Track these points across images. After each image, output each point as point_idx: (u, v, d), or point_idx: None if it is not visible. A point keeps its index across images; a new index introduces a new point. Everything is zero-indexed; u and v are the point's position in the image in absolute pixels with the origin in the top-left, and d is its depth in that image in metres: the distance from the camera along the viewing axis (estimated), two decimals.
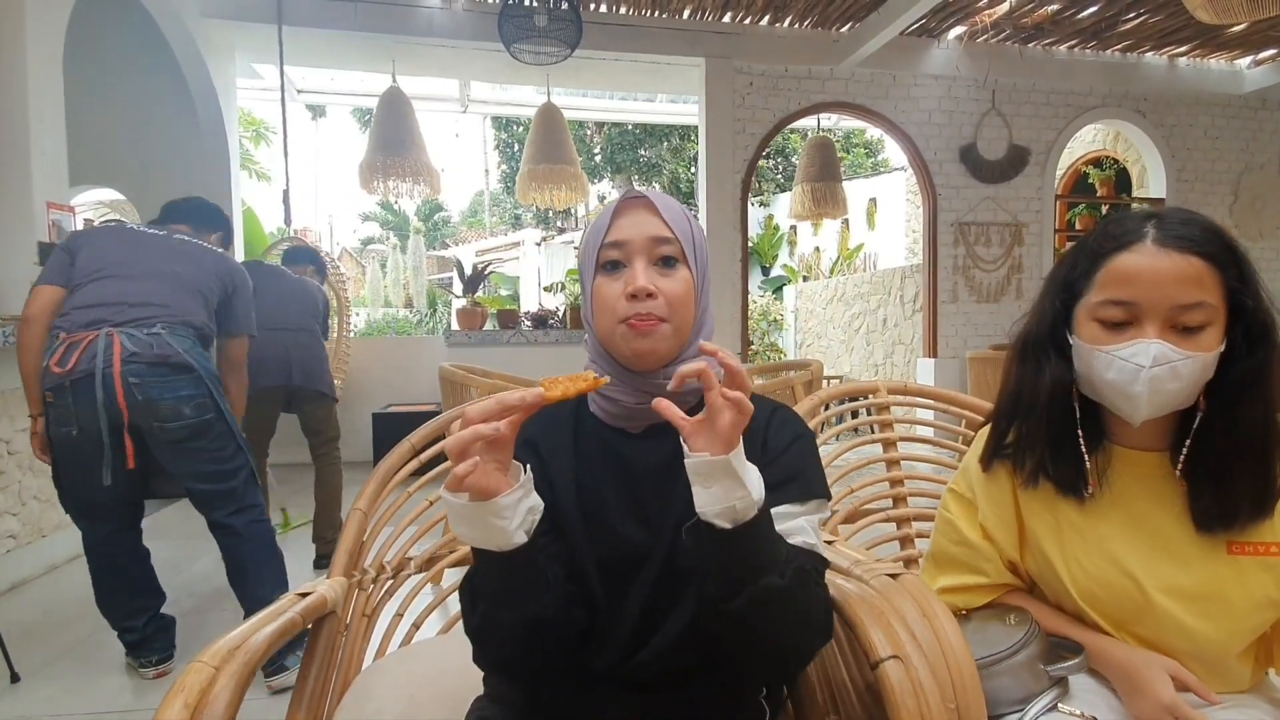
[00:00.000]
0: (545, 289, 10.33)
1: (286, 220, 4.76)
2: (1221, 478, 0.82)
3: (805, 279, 10.83)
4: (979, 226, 5.74)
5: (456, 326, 5.25)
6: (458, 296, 8.54)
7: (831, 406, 1.44)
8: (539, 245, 13.77)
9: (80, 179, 4.51)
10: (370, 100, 5.72)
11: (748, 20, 5.14)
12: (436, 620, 1.28)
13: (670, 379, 0.79)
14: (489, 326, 5.30)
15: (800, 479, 0.78)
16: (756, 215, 12.38)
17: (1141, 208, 0.86)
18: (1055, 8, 4.96)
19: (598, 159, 13.00)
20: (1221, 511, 0.82)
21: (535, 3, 4.05)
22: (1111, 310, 0.81)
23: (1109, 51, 5.75)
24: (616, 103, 7.40)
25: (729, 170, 5.29)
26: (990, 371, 5.30)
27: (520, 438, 0.69)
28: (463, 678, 0.75)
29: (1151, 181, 6.23)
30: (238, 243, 4.99)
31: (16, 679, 2.03)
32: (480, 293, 5.46)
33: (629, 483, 0.80)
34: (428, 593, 1.28)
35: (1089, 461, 0.87)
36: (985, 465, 0.96)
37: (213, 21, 4.60)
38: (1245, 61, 5.98)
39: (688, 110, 7.18)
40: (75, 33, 3.43)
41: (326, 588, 0.94)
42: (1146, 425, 0.83)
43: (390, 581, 1.17)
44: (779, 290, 11.47)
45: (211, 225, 2.42)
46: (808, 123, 5.98)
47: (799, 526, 0.75)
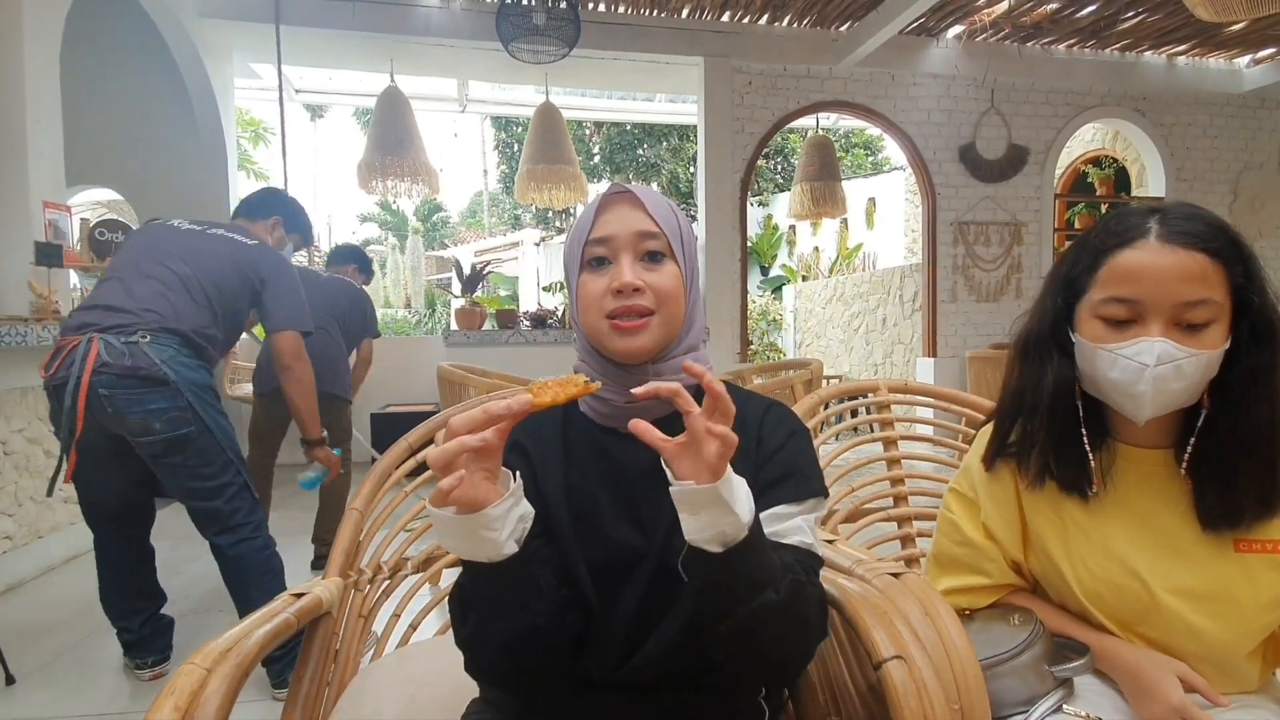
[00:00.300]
0: (544, 289, 10.33)
1: None
2: (1227, 476, 0.81)
3: (804, 279, 10.83)
4: (978, 226, 5.73)
5: (455, 326, 5.25)
6: (456, 296, 8.53)
7: (831, 405, 1.43)
8: (538, 245, 13.74)
9: (77, 179, 4.50)
10: (368, 100, 5.71)
11: (746, 19, 5.13)
12: (434, 621, 1.27)
13: (660, 375, 0.77)
14: (488, 326, 5.29)
15: (796, 477, 0.77)
16: (756, 215, 12.37)
17: (1143, 204, 0.84)
18: (1054, 7, 4.96)
19: (596, 159, 12.97)
20: (1227, 510, 0.81)
21: (533, 1, 4.05)
22: (1114, 308, 0.80)
23: (1108, 50, 5.75)
24: (615, 102, 7.38)
25: (728, 170, 5.28)
26: (990, 371, 5.29)
27: (508, 440, 0.67)
28: (460, 679, 0.74)
29: (1150, 180, 6.23)
30: None
31: (12, 681, 2.02)
32: (479, 293, 5.45)
33: (621, 484, 0.79)
34: (425, 593, 1.26)
35: (1093, 460, 0.86)
36: (988, 465, 0.95)
37: (210, 21, 4.59)
38: (1244, 60, 5.98)
39: (686, 110, 7.17)
40: (72, 32, 3.42)
41: (322, 588, 0.93)
42: (1151, 423, 0.82)
43: (387, 582, 1.16)
44: (778, 290, 11.47)
45: (264, 211, 2.27)
46: (807, 122, 5.97)
47: (795, 526, 0.74)
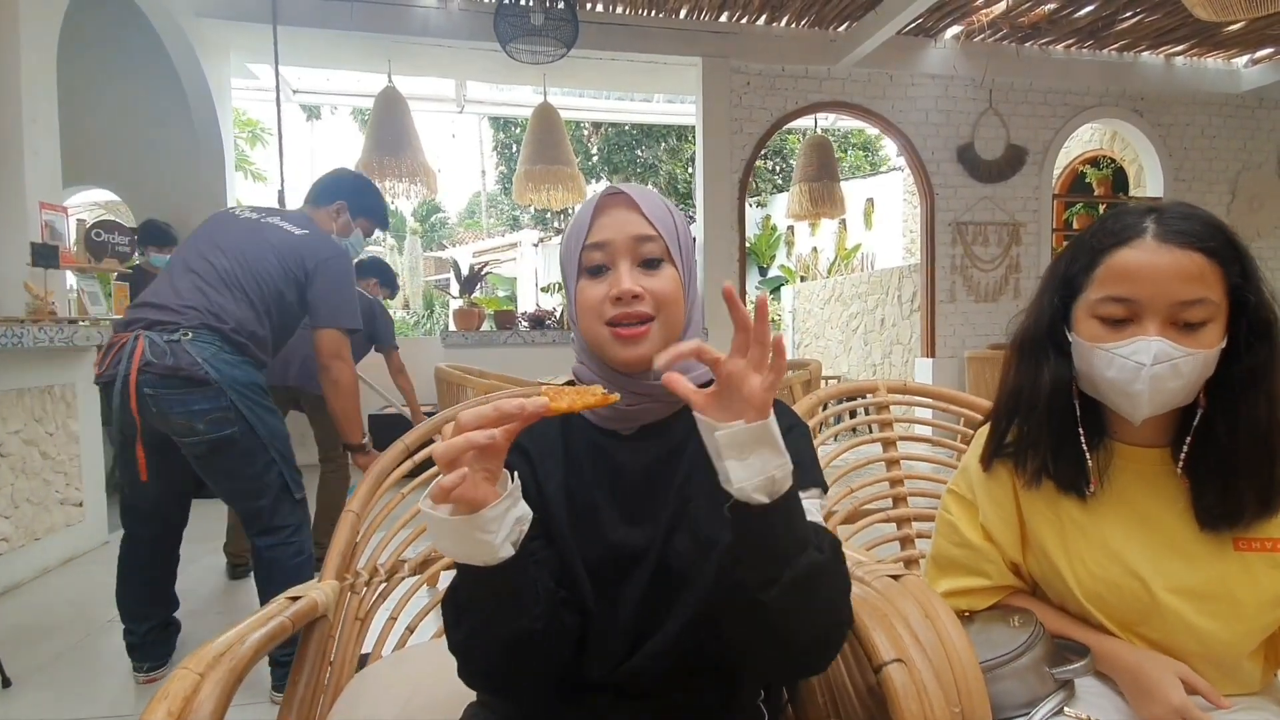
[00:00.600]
0: (542, 290, 10.32)
1: None
2: (1225, 475, 0.81)
3: (803, 279, 10.83)
4: (976, 226, 5.73)
5: (453, 327, 5.24)
6: (455, 297, 8.52)
7: (830, 406, 1.43)
8: (536, 246, 13.73)
9: (74, 179, 4.49)
10: (366, 100, 5.70)
11: (744, 20, 5.13)
12: (431, 623, 1.26)
13: (660, 379, 0.77)
14: (486, 327, 5.29)
15: (799, 467, 0.76)
16: (754, 216, 12.38)
17: (1140, 203, 0.84)
18: (1052, 7, 4.96)
19: (595, 159, 12.97)
20: (1226, 509, 0.81)
21: (531, 2, 4.04)
22: (1111, 307, 0.80)
23: (1106, 51, 5.75)
24: (613, 103, 7.38)
25: (726, 170, 5.28)
26: (989, 371, 5.29)
27: None
28: (457, 682, 0.73)
29: (1149, 181, 6.23)
30: None
31: (8, 684, 2.01)
32: (477, 293, 5.44)
33: (621, 485, 0.79)
34: (422, 595, 1.26)
35: (1090, 459, 0.86)
36: (985, 465, 0.94)
37: (207, 21, 4.58)
38: (1242, 60, 5.98)
39: (685, 110, 7.16)
40: (69, 33, 3.41)
41: (318, 591, 0.92)
42: (1148, 422, 0.82)
43: (384, 584, 1.15)
44: (777, 290, 11.47)
45: (326, 197, 2.16)
46: (805, 122, 5.97)
47: (806, 509, 0.72)
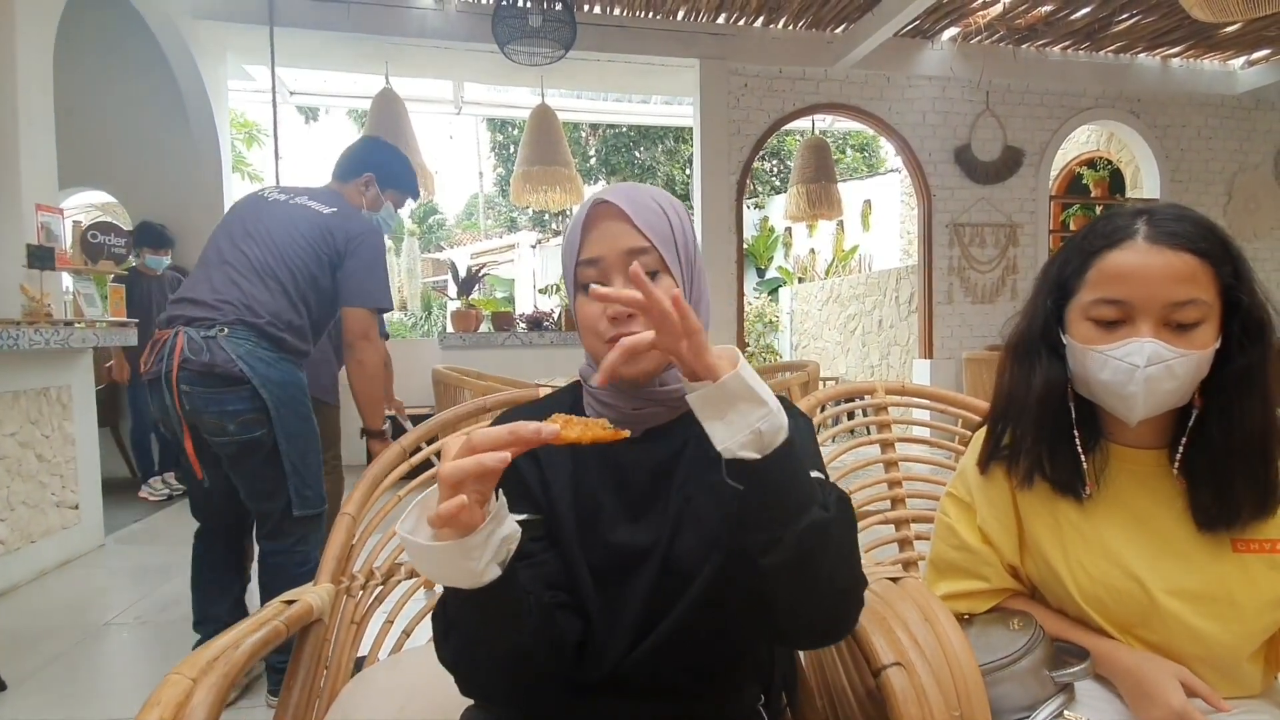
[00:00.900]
0: (540, 291, 10.31)
1: None
2: (1220, 476, 0.80)
3: (801, 281, 10.84)
4: (974, 227, 5.74)
5: (451, 329, 5.23)
6: (452, 299, 8.50)
7: (828, 408, 1.42)
8: (534, 247, 13.74)
9: (70, 181, 4.48)
10: (363, 102, 5.69)
11: (742, 21, 5.13)
12: (427, 627, 1.25)
13: (666, 385, 0.77)
14: (484, 329, 5.29)
15: (801, 451, 0.75)
16: (752, 217, 12.39)
17: (1132, 205, 0.84)
18: (1049, 9, 4.97)
19: (593, 161, 12.97)
20: (1222, 510, 0.81)
21: (529, 3, 4.04)
22: (1104, 309, 0.80)
23: (1102, 52, 5.76)
24: (611, 104, 7.37)
25: (724, 172, 5.28)
26: (986, 372, 5.30)
27: None
28: (454, 687, 0.73)
29: (1145, 182, 6.24)
30: None
31: (3, 687, 2.00)
32: (475, 295, 5.44)
33: (625, 487, 0.79)
34: (419, 598, 1.25)
35: (1086, 461, 0.86)
36: (982, 468, 0.94)
37: (204, 23, 4.58)
38: (1239, 62, 6.00)
39: (682, 112, 7.16)
40: (65, 34, 3.41)
41: (313, 595, 0.92)
42: (1143, 424, 0.82)
43: (380, 588, 1.14)
44: (774, 292, 11.47)
45: (353, 170, 2.06)
46: (804, 124, 5.97)
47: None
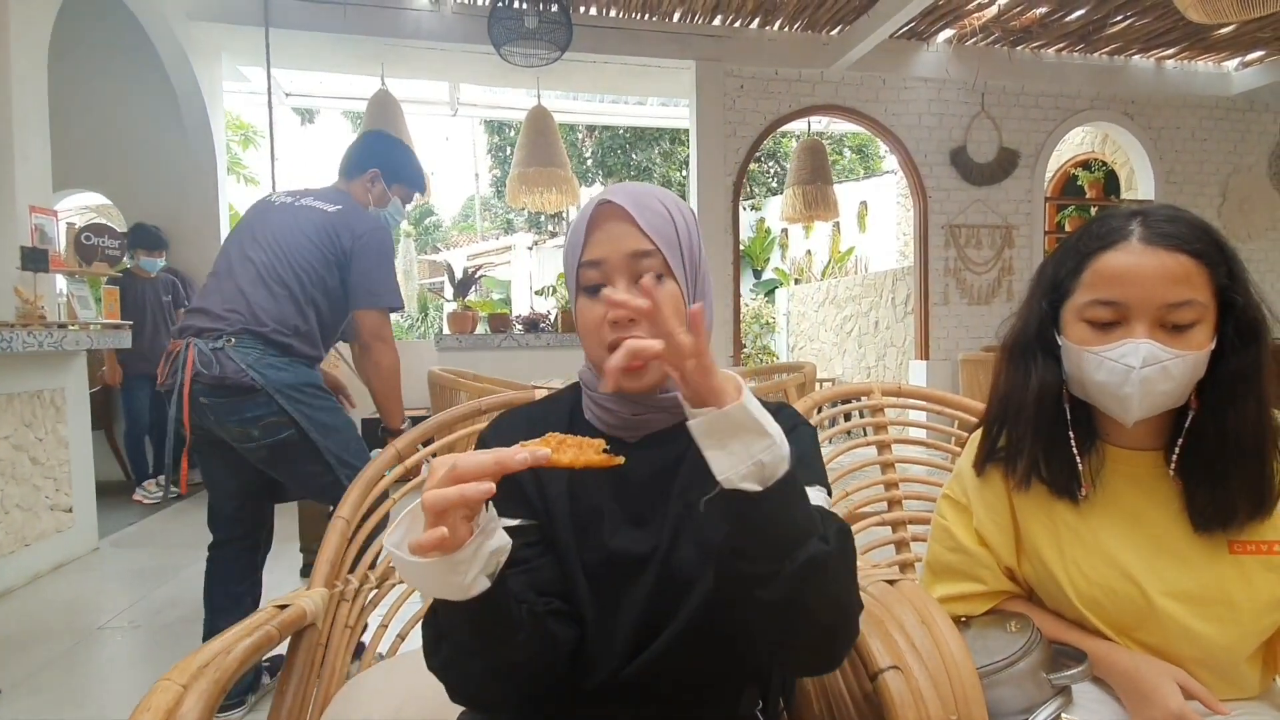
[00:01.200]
0: (537, 293, 10.29)
1: None
2: (1217, 477, 0.80)
3: (797, 282, 10.85)
4: (969, 229, 5.75)
5: (447, 330, 5.22)
6: (449, 300, 8.48)
7: (825, 409, 1.42)
8: (530, 249, 13.73)
9: (64, 183, 4.46)
10: (359, 103, 5.67)
11: (737, 23, 5.13)
12: None
13: (669, 392, 0.76)
14: (480, 330, 5.27)
15: (802, 463, 0.74)
16: (748, 219, 12.39)
17: (1126, 206, 0.84)
18: (1043, 11, 4.98)
19: (589, 162, 12.98)
20: (1219, 511, 0.81)
21: (525, 5, 4.04)
22: (1099, 310, 0.80)
23: (1097, 54, 5.77)
24: (607, 106, 7.36)
25: (720, 173, 5.28)
26: (982, 373, 5.30)
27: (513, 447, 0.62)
28: None
29: (1140, 183, 6.26)
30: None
31: None
32: (471, 296, 5.42)
33: (625, 492, 0.78)
34: (414, 602, 1.24)
35: (1082, 463, 0.86)
36: (979, 469, 0.94)
37: (199, 24, 4.56)
38: (1233, 64, 6.02)
39: (678, 113, 7.16)
40: (60, 35, 3.39)
41: (306, 599, 0.91)
42: (1140, 425, 0.82)
43: (375, 591, 1.14)
44: (771, 293, 11.49)
45: (358, 167, 2.04)
46: (800, 126, 5.98)
47: (811, 496, 0.70)
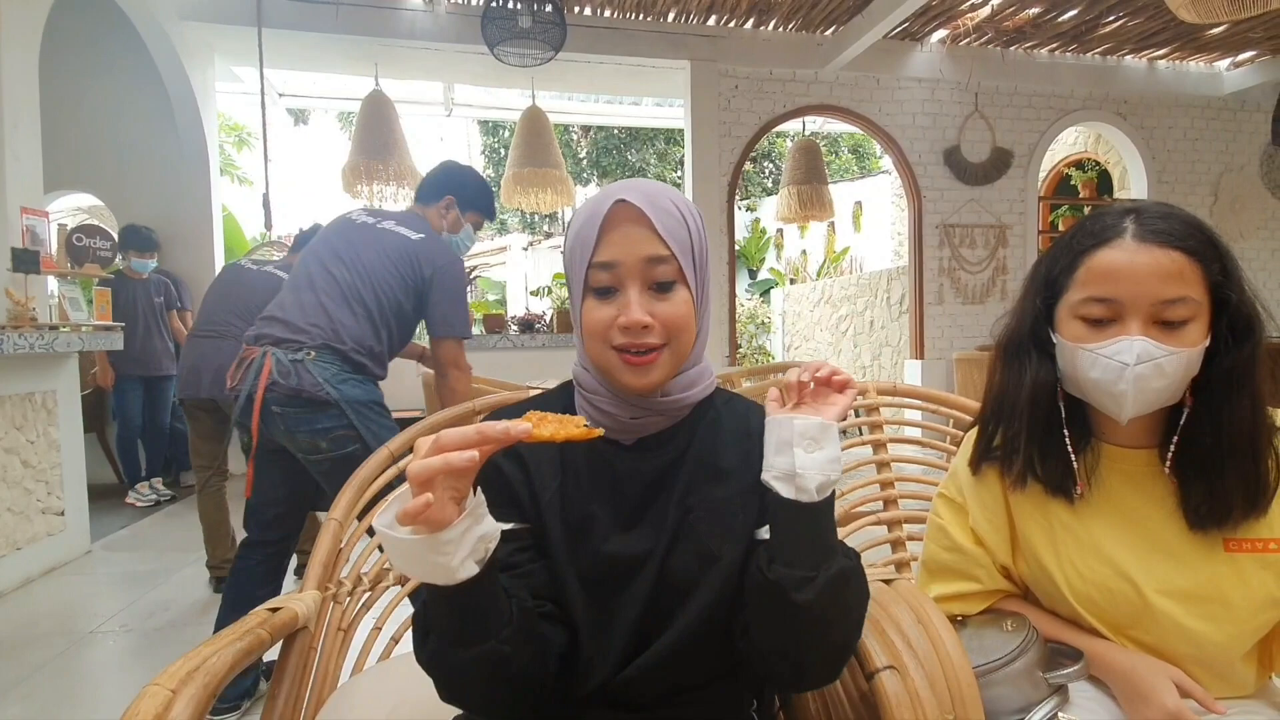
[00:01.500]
0: (532, 293, 10.27)
1: (267, 225, 4.70)
2: (1211, 474, 0.80)
3: (792, 282, 10.86)
4: (963, 228, 5.76)
5: None
6: None
7: None
8: (525, 250, 13.72)
9: (56, 184, 4.44)
10: (353, 104, 5.65)
11: (732, 23, 5.14)
12: None
13: (668, 395, 0.76)
14: (475, 331, 5.26)
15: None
16: (743, 219, 12.40)
17: (1120, 204, 0.84)
18: (1036, 11, 5.00)
19: (583, 163, 12.96)
20: (1214, 509, 0.81)
21: (519, 5, 4.03)
22: (1093, 307, 0.80)
23: (1089, 55, 5.80)
24: (602, 106, 7.36)
25: (715, 174, 5.28)
26: (977, 372, 5.31)
27: (507, 448, 0.60)
28: None
29: (1132, 183, 6.29)
30: (217, 247, 4.92)
31: None
32: (467, 297, 5.44)
33: (619, 496, 0.77)
34: (407, 605, 1.23)
35: (1076, 461, 0.86)
36: (974, 468, 0.94)
37: (191, 24, 4.54)
38: (1224, 64, 6.05)
39: (673, 114, 7.16)
40: (51, 35, 3.37)
41: (298, 602, 0.90)
42: (1134, 422, 0.82)
43: (368, 594, 1.13)
44: (766, 293, 11.50)
45: (434, 193, 2.08)
46: (795, 126, 5.98)
47: None
